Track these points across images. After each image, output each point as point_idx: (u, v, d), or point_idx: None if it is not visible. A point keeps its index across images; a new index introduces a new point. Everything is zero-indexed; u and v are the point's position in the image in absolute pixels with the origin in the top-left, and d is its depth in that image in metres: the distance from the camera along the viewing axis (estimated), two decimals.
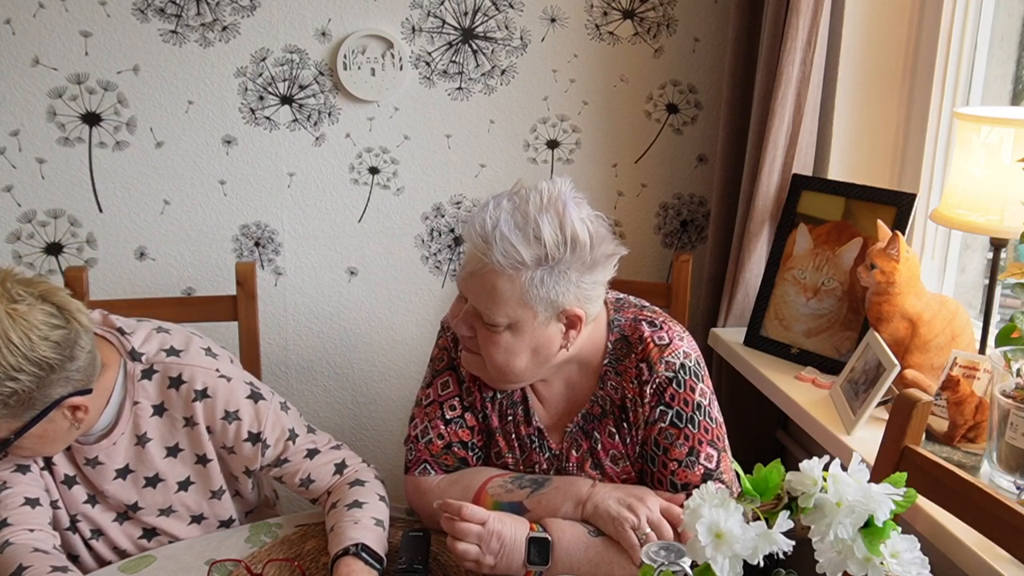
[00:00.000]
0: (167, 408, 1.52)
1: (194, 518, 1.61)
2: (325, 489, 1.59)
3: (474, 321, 1.45)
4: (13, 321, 1.29)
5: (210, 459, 1.56)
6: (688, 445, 1.47)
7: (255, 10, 2.20)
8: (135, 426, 1.51)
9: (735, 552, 0.93)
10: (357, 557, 1.38)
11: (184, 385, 1.50)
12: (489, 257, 1.37)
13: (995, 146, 1.59)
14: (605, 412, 1.52)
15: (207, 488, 1.59)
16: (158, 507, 1.57)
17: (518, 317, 1.41)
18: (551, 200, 1.39)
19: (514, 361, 1.44)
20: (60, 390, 1.36)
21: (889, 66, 2.04)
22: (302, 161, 2.31)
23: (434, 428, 1.56)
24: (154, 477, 1.55)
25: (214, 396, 1.52)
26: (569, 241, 1.37)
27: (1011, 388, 1.38)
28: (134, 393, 1.50)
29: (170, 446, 1.54)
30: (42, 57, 2.16)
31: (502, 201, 1.40)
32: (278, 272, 2.37)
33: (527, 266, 1.37)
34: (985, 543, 1.25)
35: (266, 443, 1.56)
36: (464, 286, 1.45)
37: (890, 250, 1.69)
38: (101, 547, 1.58)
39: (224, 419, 1.53)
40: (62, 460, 1.51)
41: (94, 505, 1.55)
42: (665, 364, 1.48)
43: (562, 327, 1.45)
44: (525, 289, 1.38)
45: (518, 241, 1.36)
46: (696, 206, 2.48)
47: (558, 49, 2.32)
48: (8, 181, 2.23)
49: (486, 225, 1.38)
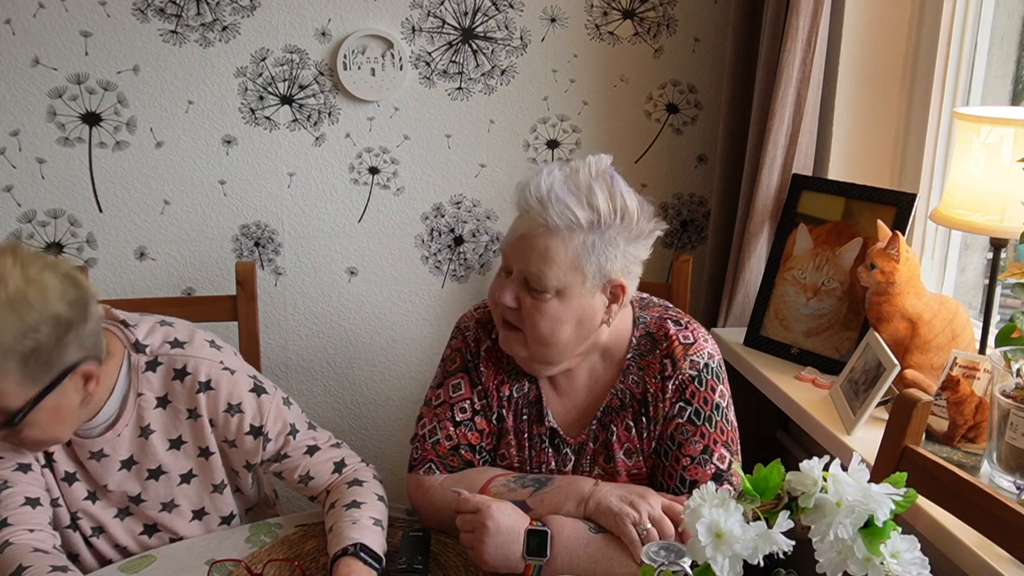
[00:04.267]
0: (171, 400, 1.52)
1: (195, 513, 1.61)
2: (324, 487, 1.59)
3: (520, 290, 1.46)
4: (28, 282, 1.31)
5: (212, 452, 1.56)
6: (703, 443, 1.49)
7: (255, 10, 2.20)
8: (139, 418, 1.51)
9: (735, 552, 0.93)
10: (356, 557, 1.38)
11: (188, 377, 1.51)
12: (545, 218, 1.41)
13: (995, 146, 1.59)
14: (624, 405, 1.54)
15: (209, 481, 1.59)
16: (160, 500, 1.57)
17: (567, 282, 1.43)
18: (600, 172, 1.45)
19: (559, 330, 1.46)
20: (74, 354, 1.37)
21: (889, 66, 2.04)
22: (302, 161, 2.31)
23: (443, 429, 1.56)
24: (157, 469, 1.55)
25: (217, 388, 1.52)
26: (619, 209, 1.43)
27: (1011, 388, 1.38)
28: (138, 384, 1.50)
29: (173, 438, 1.54)
30: (42, 57, 2.16)
31: (554, 169, 1.45)
32: (278, 272, 2.37)
33: (581, 228, 1.41)
34: (985, 543, 1.26)
35: (267, 437, 1.56)
36: (512, 250, 1.47)
37: (890, 250, 1.69)
38: (102, 544, 1.57)
39: (227, 412, 1.53)
40: (63, 457, 1.51)
41: (95, 501, 1.55)
42: (690, 362, 1.51)
43: (605, 300, 1.48)
44: (578, 252, 1.42)
45: (574, 204, 1.40)
46: (696, 206, 2.48)
47: (558, 49, 2.32)
48: (8, 181, 2.23)
49: (541, 188, 1.42)
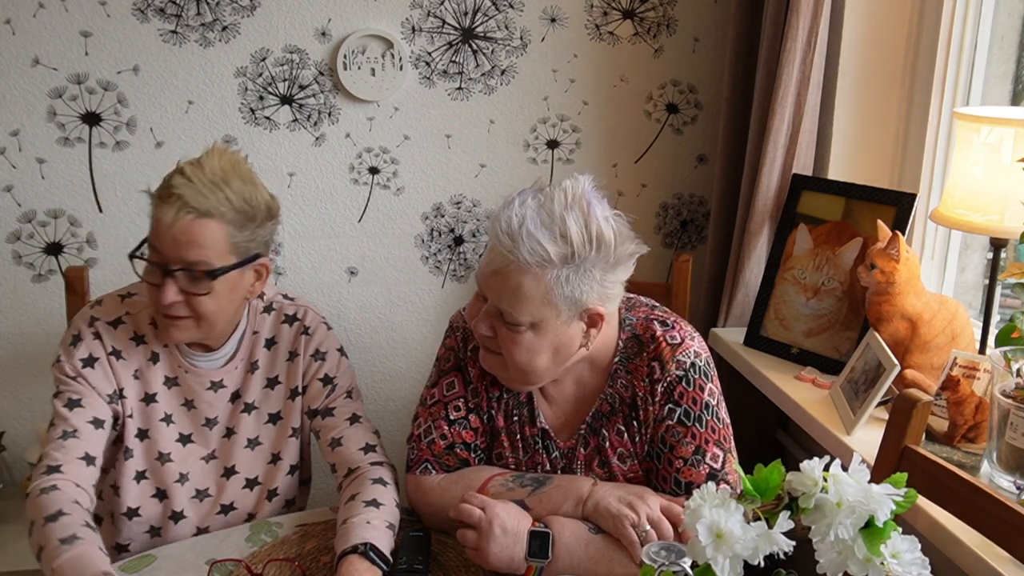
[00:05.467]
0: (277, 341, 1.67)
1: (273, 456, 1.68)
2: (348, 461, 1.60)
3: (495, 321, 1.44)
4: (252, 175, 1.55)
5: (300, 393, 1.68)
6: (695, 444, 1.48)
7: (255, 10, 2.20)
8: (251, 353, 1.66)
9: (735, 552, 0.93)
10: (364, 556, 1.38)
11: (297, 322, 1.68)
12: (516, 255, 1.36)
13: (995, 146, 1.59)
14: (614, 410, 1.53)
15: (289, 424, 1.68)
16: (248, 436, 1.67)
17: (541, 316, 1.40)
18: (576, 199, 1.39)
19: (536, 361, 1.44)
20: (263, 246, 1.57)
21: (889, 66, 2.04)
22: (302, 161, 2.31)
23: (437, 428, 1.56)
24: (251, 404, 1.66)
25: (313, 335, 1.68)
26: (595, 240, 1.37)
27: (1011, 388, 1.38)
28: (254, 324, 1.66)
29: (271, 377, 1.67)
30: (42, 57, 2.16)
31: (527, 199, 1.39)
32: (278, 272, 2.37)
33: (553, 264, 1.37)
34: (985, 543, 1.26)
35: (334, 387, 1.67)
36: (486, 284, 1.44)
37: (890, 250, 1.69)
38: (183, 492, 1.63)
39: (312, 356, 1.67)
40: (166, 398, 1.62)
41: (185, 444, 1.64)
42: (676, 363, 1.49)
43: (583, 326, 1.45)
44: (550, 288, 1.38)
45: (545, 239, 1.36)
46: (696, 206, 2.48)
47: (558, 49, 2.32)
48: (8, 181, 2.23)
49: (512, 222, 1.37)
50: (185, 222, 1.46)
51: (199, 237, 1.46)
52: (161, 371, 1.61)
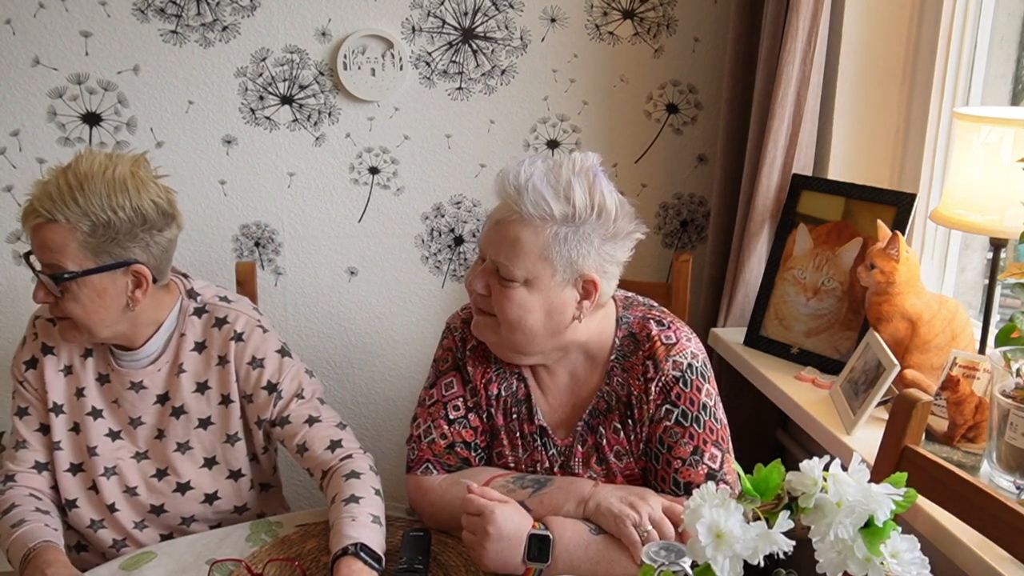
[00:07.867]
0: (207, 346, 1.64)
1: (207, 460, 1.67)
2: (319, 464, 1.61)
3: (490, 278, 1.47)
4: (133, 177, 1.51)
5: (232, 401, 1.65)
6: (693, 444, 1.48)
7: (255, 10, 2.20)
8: (177, 355, 1.63)
9: (735, 552, 0.93)
10: (356, 557, 1.38)
11: (226, 326, 1.64)
12: (519, 206, 1.41)
13: (995, 146, 1.59)
14: (611, 408, 1.53)
15: (224, 431, 1.66)
16: (177, 440, 1.65)
17: (536, 272, 1.43)
18: (583, 168, 1.45)
19: (527, 319, 1.46)
20: (138, 253, 1.52)
21: (889, 66, 2.04)
22: (302, 161, 2.31)
23: (437, 428, 1.56)
24: (180, 408, 1.64)
25: (247, 341, 1.64)
26: (596, 206, 1.42)
27: (1011, 388, 1.38)
28: (183, 326, 1.64)
29: (200, 382, 1.64)
30: (42, 57, 2.17)
31: (536, 160, 1.45)
32: (278, 272, 2.37)
33: (554, 219, 1.41)
34: (985, 543, 1.26)
35: (280, 394, 1.64)
36: (486, 238, 1.48)
37: (890, 250, 1.69)
38: (111, 486, 1.64)
39: (250, 364, 1.63)
40: (95, 393, 1.63)
41: (114, 440, 1.65)
42: (672, 363, 1.50)
43: (577, 295, 1.47)
44: (548, 243, 1.42)
45: (549, 195, 1.41)
46: (696, 206, 2.48)
47: (558, 49, 2.32)
48: (8, 181, 2.23)
49: (520, 176, 1.43)
50: (35, 225, 1.51)
51: (48, 241, 1.50)
52: (93, 367, 1.64)
